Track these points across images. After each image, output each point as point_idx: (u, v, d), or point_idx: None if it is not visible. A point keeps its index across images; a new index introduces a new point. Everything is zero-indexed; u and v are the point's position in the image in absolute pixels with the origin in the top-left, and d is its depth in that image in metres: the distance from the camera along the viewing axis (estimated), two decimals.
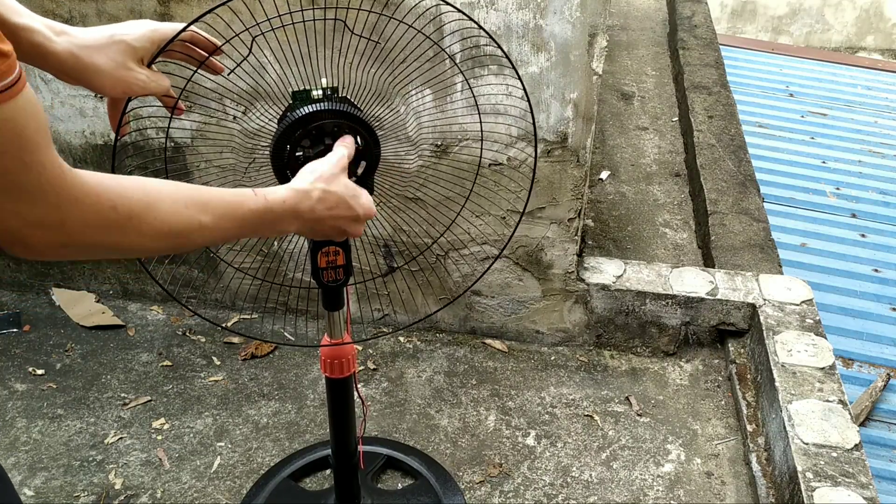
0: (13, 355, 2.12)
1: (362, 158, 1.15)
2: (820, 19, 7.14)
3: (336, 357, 1.37)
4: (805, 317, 2.02)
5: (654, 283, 2.12)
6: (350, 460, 1.54)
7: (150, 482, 1.77)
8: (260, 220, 0.92)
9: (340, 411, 1.47)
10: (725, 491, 1.79)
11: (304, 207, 0.98)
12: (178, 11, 1.87)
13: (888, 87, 4.04)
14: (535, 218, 2.03)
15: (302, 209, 0.98)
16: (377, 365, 2.13)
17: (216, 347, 2.17)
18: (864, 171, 3.21)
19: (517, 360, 2.16)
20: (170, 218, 0.81)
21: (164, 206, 0.81)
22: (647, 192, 2.83)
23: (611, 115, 3.37)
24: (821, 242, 2.75)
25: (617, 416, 1.99)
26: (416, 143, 1.91)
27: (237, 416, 1.96)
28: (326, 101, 1.10)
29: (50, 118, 2.06)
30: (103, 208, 0.75)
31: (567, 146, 1.92)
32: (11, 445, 1.86)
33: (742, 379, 2.03)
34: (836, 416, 1.73)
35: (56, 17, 1.92)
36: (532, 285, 2.12)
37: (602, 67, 1.85)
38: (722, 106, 3.25)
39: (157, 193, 0.81)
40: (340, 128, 1.10)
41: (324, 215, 1.00)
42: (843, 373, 2.18)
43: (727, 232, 2.45)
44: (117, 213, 0.76)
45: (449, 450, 1.88)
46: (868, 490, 1.56)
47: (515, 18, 1.77)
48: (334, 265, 1.24)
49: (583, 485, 1.80)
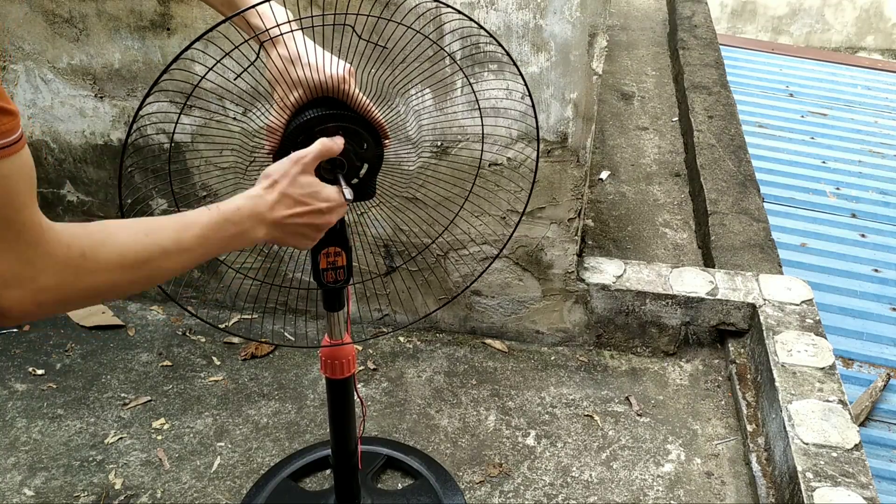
0: (13, 355, 2.12)
1: (364, 160, 1.14)
2: (820, 19, 7.14)
3: (336, 358, 1.37)
4: (805, 317, 2.02)
5: (654, 283, 2.12)
6: (350, 460, 1.54)
7: (150, 482, 1.78)
8: (221, 233, 0.93)
9: (340, 412, 1.47)
10: (725, 491, 1.79)
11: (261, 210, 0.97)
12: (178, 11, 1.87)
13: (888, 87, 4.04)
14: (535, 218, 2.03)
15: (261, 212, 0.97)
16: (377, 365, 2.13)
17: (216, 347, 2.17)
18: (864, 171, 3.21)
19: (517, 360, 2.16)
20: (132, 246, 0.83)
21: (122, 236, 0.83)
22: (647, 192, 2.83)
23: (611, 115, 3.37)
24: (821, 242, 2.75)
25: (617, 416, 1.99)
26: (417, 143, 1.91)
27: (237, 416, 1.96)
28: (327, 103, 1.10)
29: (50, 118, 2.06)
30: (73, 256, 0.77)
31: (567, 146, 1.92)
32: (11, 445, 1.86)
33: (742, 379, 2.03)
34: (836, 416, 1.73)
35: (56, 17, 1.92)
36: (532, 285, 2.12)
37: (602, 67, 1.85)
38: (722, 106, 3.25)
39: (116, 227, 0.83)
40: (343, 130, 1.09)
41: (286, 216, 1.00)
42: (843, 373, 2.19)
43: (727, 232, 2.45)
44: (85, 258, 0.78)
45: (449, 450, 1.88)
46: (868, 490, 1.56)
47: (515, 18, 1.77)
48: (335, 266, 1.24)
49: (583, 485, 1.80)
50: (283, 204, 1.00)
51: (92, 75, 1.98)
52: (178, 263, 0.89)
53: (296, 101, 1.07)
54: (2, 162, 0.68)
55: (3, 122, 0.67)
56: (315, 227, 1.06)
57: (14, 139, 0.68)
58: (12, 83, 2.01)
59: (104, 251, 0.80)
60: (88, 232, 0.80)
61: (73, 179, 2.15)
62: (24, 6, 1.91)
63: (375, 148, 1.13)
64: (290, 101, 1.07)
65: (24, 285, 0.73)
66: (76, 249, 0.77)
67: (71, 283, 0.77)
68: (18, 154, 0.69)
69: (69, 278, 0.77)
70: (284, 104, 1.07)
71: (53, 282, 0.75)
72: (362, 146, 1.12)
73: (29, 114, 2.06)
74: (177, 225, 0.89)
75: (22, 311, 0.75)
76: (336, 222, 1.10)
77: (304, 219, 1.03)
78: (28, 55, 1.98)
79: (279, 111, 1.07)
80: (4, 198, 0.69)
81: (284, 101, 1.07)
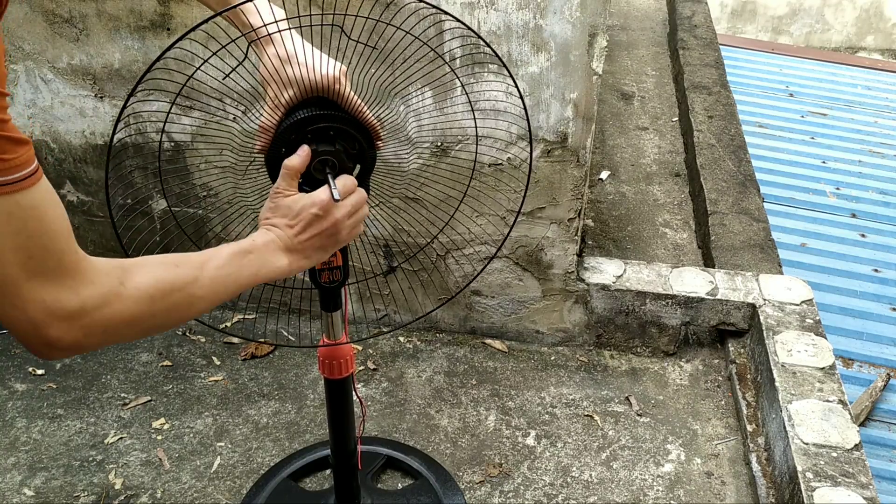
0: (13, 355, 2.12)
1: (357, 161, 1.13)
2: (820, 19, 7.14)
3: (334, 357, 1.37)
4: (805, 317, 2.02)
5: (654, 283, 2.12)
6: (350, 460, 1.54)
7: (150, 482, 1.78)
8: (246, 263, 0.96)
9: (339, 412, 1.47)
10: (725, 491, 1.79)
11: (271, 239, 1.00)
12: (178, 11, 1.87)
13: (888, 87, 4.04)
14: (535, 218, 2.03)
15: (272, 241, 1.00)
16: (377, 365, 2.13)
17: (216, 347, 2.17)
18: (864, 171, 3.21)
19: (517, 360, 2.16)
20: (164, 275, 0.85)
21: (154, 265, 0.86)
22: (647, 192, 2.83)
23: (611, 115, 3.37)
24: (821, 242, 2.75)
25: (617, 416, 1.99)
26: (415, 143, 1.91)
27: (237, 416, 1.96)
28: (320, 103, 1.09)
29: (50, 118, 2.06)
30: (113, 284, 0.79)
31: (567, 146, 1.92)
32: (11, 445, 1.86)
33: (742, 379, 2.03)
34: (836, 416, 1.73)
35: (56, 17, 1.92)
36: (532, 285, 2.12)
37: (602, 67, 1.85)
38: (722, 106, 3.25)
39: (145, 259, 0.86)
40: (335, 131, 1.09)
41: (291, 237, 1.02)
42: (843, 373, 2.18)
43: (727, 232, 2.45)
44: (124, 286, 0.80)
45: (449, 450, 1.88)
46: (868, 490, 1.56)
47: (515, 18, 1.77)
48: (331, 266, 1.24)
49: (583, 485, 1.80)
50: (285, 230, 1.02)
51: (92, 75, 1.98)
52: (209, 291, 0.91)
53: (288, 101, 1.07)
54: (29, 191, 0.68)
55: (20, 151, 0.68)
56: (324, 233, 1.05)
57: (33, 169, 0.69)
58: (12, 83, 2.01)
59: (140, 279, 0.82)
60: (121, 264, 0.82)
61: (73, 179, 2.15)
62: (24, 6, 1.91)
63: (368, 149, 1.13)
64: (283, 101, 1.07)
65: (70, 315, 0.74)
66: (114, 278, 0.79)
67: (114, 310, 0.79)
68: (41, 182, 0.70)
69: (112, 306, 0.78)
70: (277, 103, 1.07)
71: (98, 310, 0.77)
72: (354, 147, 1.11)
73: (29, 114, 2.06)
74: (202, 257, 0.92)
75: (71, 341, 0.76)
76: (347, 219, 1.09)
77: (309, 233, 1.03)
78: (28, 55, 1.98)
79: (271, 110, 1.08)
80: (39, 227, 0.70)
81: (277, 100, 1.07)
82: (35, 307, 0.72)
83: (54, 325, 0.73)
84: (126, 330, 0.82)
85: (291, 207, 1.03)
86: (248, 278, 0.97)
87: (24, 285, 0.71)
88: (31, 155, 0.69)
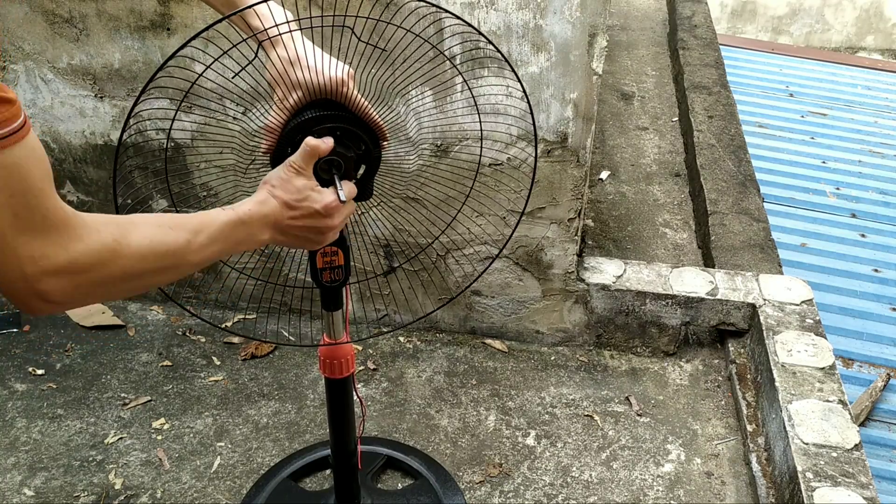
0: (13, 355, 2.12)
1: (362, 162, 1.14)
2: (820, 19, 7.14)
3: (335, 357, 1.37)
4: (805, 317, 2.02)
5: (654, 283, 2.12)
6: (350, 460, 1.55)
7: (150, 482, 1.78)
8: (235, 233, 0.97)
9: (339, 411, 1.47)
10: (725, 491, 1.79)
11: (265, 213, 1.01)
12: (178, 11, 1.87)
13: (888, 87, 4.04)
14: (535, 218, 2.03)
15: (265, 215, 1.01)
16: (377, 365, 2.13)
17: (216, 347, 2.17)
18: (864, 171, 3.21)
19: (517, 360, 2.16)
20: (159, 236, 0.86)
21: (149, 225, 0.87)
22: (647, 192, 2.83)
23: (611, 115, 3.37)
24: (821, 242, 2.75)
25: (617, 416, 1.99)
26: (417, 143, 1.91)
27: (237, 416, 1.96)
28: (326, 105, 1.09)
29: (50, 118, 2.06)
30: (105, 241, 0.79)
31: (567, 146, 1.92)
32: (11, 445, 1.86)
33: (742, 379, 2.03)
34: (836, 416, 1.73)
35: (56, 17, 1.92)
36: (532, 285, 2.12)
37: (602, 67, 1.85)
38: (722, 106, 3.25)
39: (141, 218, 0.87)
40: (341, 132, 1.09)
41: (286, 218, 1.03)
42: (843, 373, 2.18)
43: (727, 232, 2.45)
44: (118, 242, 0.80)
45: (449, 450, 1.88)
46: (868, 490, 1.56)
47: (515, 18, 1.77)
48: (333, 266, 1.24)
49: (583, 485, 1.80)
50: (282, 208, 1.02)
51: (92, 75, 1.98)
52: (199, 257, 0.92)
53: (295, 103, 1.08)
54: (11, 150, 0.69)
55: (2, 110, 0.68)
56: (315, 229, 1.06)
57: (17, 126, 0.70)
58: (12, 83, 2.01)
59: (134, 237, 0.83)
60: (115, 221, 0.83)
61: (73, 179, 2.15)
62: (24, 6, 1.91)
63: (373, 150, 1.13)
64: (290, 103, 1.08)
65: (59, 270, 0.75)
66: (107, 235, 0.80)
67: (107, 265, 0.79)
68: (25, 140, 0.70)
69: (105, 261, 0.79)
70: (284, 105, 1.08)
71: (90, 265, 0.78)
72: (360, 148, 1.12)
73: (29, 114, 2.06)
74: (197, 221, 0.92)
75: (63, 295, 0.77)
76: (337, 227, 1.09)
77: (303, 221, 1.04)
78: (28, 55, 1.98)
79: (278, 111, 1.08)
80: (21, 184, 0.71)
81: (284, 102, 1.07)
82: (25, 262, 0.73)
83: (44, 279, 0.74)
84: (115, 287, 0.83)
85: (301, 192, 1.03)
86: (233, 246, 0.98)
87: (11, 242, 0.72)
88: (14, 113, 0.69)
